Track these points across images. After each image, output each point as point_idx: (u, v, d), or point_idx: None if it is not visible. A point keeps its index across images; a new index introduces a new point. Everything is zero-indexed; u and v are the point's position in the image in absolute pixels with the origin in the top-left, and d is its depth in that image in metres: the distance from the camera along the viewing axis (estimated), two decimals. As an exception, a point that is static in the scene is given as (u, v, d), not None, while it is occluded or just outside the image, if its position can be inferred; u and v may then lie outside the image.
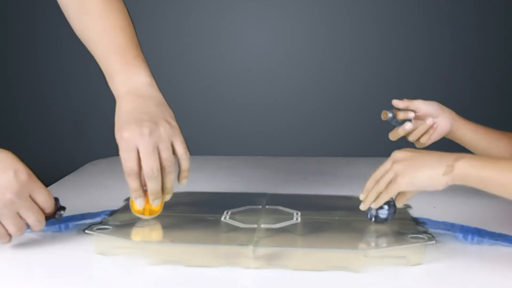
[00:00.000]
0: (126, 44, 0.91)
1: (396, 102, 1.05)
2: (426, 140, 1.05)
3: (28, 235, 0.87)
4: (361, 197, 0.86)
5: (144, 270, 0.74)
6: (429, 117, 1.05)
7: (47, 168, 1.19)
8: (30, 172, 0.77)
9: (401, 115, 1.04)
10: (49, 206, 0.80)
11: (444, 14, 2.34)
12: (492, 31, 2.29)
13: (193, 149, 2.39)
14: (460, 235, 0.86)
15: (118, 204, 0.97)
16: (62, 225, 0.88)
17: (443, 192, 1.16)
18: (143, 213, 0.86)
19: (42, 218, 0.79)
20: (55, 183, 1.24)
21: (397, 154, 0.84)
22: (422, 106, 1.04)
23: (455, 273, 0.75)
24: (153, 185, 0.80)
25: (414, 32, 2.36)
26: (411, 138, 1.06)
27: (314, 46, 2.38)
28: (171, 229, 0.86)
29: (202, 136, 2.33)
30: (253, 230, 0.83)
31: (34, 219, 0.78)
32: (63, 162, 1.01)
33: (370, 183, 0.85)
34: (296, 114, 1.32)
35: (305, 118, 2.08)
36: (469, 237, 0.85)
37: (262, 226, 0.85)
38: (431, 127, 1.05)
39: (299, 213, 0.91)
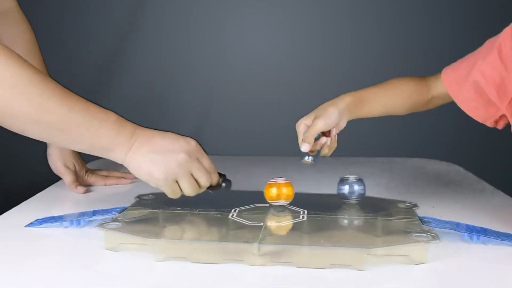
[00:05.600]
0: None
1: (304, 148, 1.02)
2: (331, 151, 1.07)
3: (41, 230, 0.89)
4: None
5: (151, 265, 0.76)
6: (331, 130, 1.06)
7: (48, 168, 1.20)
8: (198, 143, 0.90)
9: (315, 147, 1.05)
10: (214, 172, 0.91)
11: (445, 14, 2.34)
12: (492, 31, 2.30)
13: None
14: (466, 235, 0.86)
15: (121, 202, 0.99)
16: (74, 221, 0.90)
17: (445, 192, 1.17)
18: (277, 199, 0.95)
19: (210, 180, 0.90)
20: (57, 182, 1.25)
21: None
22: (321, 127, 1.03)
23: (459, 272, 0.76)
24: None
25: (414, 33, 2.36)
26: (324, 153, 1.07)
27: (314, 46, 2.38)
28: (179, 226, 0.87)
29: (203, 136, 2.34)
30: (259, 227, 0.84)
31: (205, 179, 0.89)
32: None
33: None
34: (295, 114, 1.33)
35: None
36: (475, 236, 0.85)
37: (268, 223, 0.86)
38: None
39: (306, 212, 0.92)
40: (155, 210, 0.92)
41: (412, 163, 1.58)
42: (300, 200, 0.99)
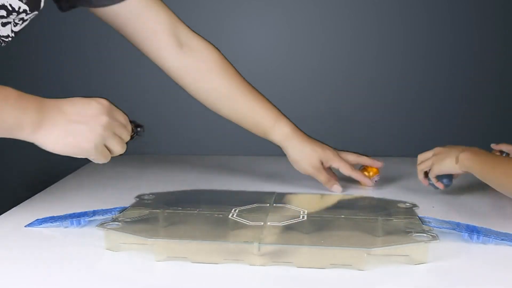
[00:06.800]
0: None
1: (492, 145, 1.23)
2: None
3: (41, 230, 0.89)
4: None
5: (151, 265, 0.76)
6: None
7: (49, 168, 1.20)
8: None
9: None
10: (128, 123, 0.89)
11: (445, 14, 2.34)
12: (492, 31, 2.30)
13: (196, 149, 2.38)
14: (466, 234, 0.86)
15: (121, 202, 0.99)
16: (74, 221, 0.89)
17: (445, 192, 1.17)
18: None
19: (129, 133, 0.89)
20: (58, 182, 1.25)
21: (435, 150, 1.14)
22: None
23: (459, 272, 0.76)
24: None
25: (415, 33, 2.35)
26: None
27: (314, 46, 2.37)
28: (179, 225, 0.87)
29: (202, 135, 2.34)
30: (260, 227, 0.84)
31: (126, 134, 0.88)
32: (64, 161, 1.02)
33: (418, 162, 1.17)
34: (294, 114, 1.33)
35: (304, 118, 2.07)
36: (475, 236, 0.85)
37: (269, 223, 0.86)
38: None
39: (306, 211, 0.92)
40: (155, 210, 0.92)
41: (412, 162, 1.58)
42: (300, 200, 0.99)
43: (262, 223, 0.86)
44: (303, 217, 0.90)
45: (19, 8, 0.93)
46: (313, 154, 1.16)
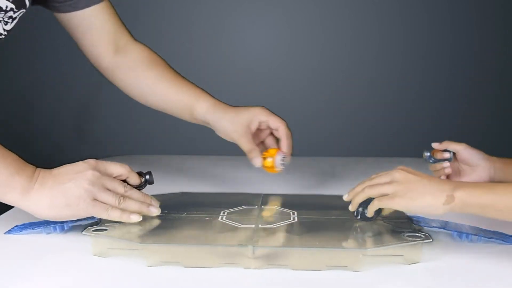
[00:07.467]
0: None
1: (434, 145, 1.11)
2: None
3: (23, 237, 0.87)
4: (346, 198, 0.89)
5: (142, 271, 0.74)
6: (466, 164, 1.09)
7: (48, 168, 1.18)
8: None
9: (438, 155, 1.11)
10: (126, 173, 0.89)
11: (445, 14, 2.34)
12: (492, 31, 2.29)
13: (192, 149, 2.38)
14: (455, 233, 0.85)
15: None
16: (58, 226, 0.87)
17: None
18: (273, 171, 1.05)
19: (126, 186, 0.88)
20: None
21: (399, 173, 0.84)
22: (462, 150, 1.09)
23: (452, 271, 0.76)
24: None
25: (415, 33, 2.35)
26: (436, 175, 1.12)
27: (314, 46, 2.37)
28: (168, 229, 0.85)
29: (201, 136, 2.33)
30: (251, 230, 0.83)
31: (121, 188, 0.87)
32: (63, 162, 1.01)
33: (359, 187, 0.87)
34: (294, 114, 1.32)
35: (304, 118, 2.08)
36: (463, 235, 0.85)
37: (260, 226, 0.85)
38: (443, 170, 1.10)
39: (296, 213, 0.92)
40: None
41: (411, 163, 1.56)
42: (287, 201, 0.99)
43: (254, 226, 0.85)
44: (293, 218, 0.89)
45: (7, 7, 0.95)
46: (236, 119, 1.11)
